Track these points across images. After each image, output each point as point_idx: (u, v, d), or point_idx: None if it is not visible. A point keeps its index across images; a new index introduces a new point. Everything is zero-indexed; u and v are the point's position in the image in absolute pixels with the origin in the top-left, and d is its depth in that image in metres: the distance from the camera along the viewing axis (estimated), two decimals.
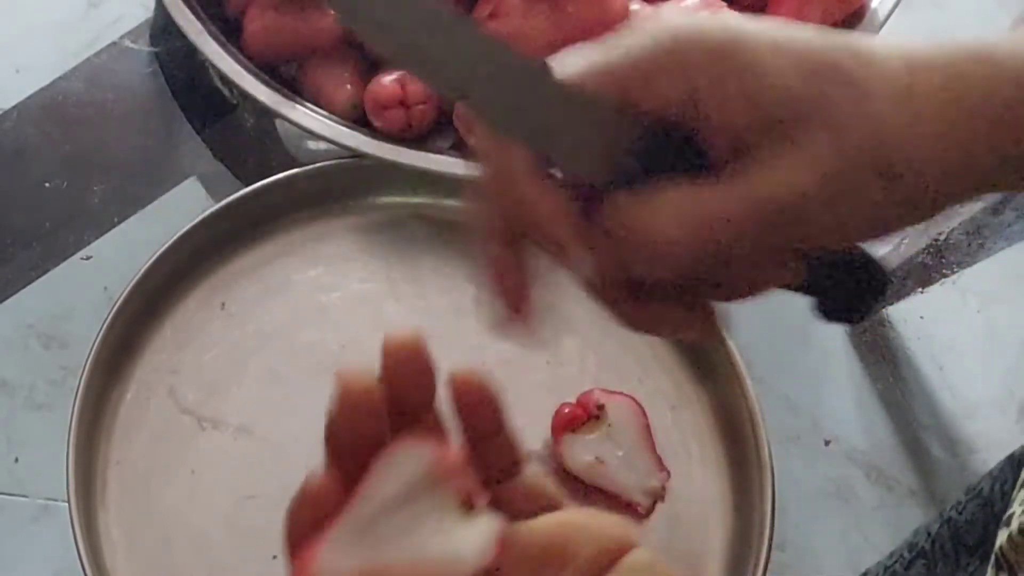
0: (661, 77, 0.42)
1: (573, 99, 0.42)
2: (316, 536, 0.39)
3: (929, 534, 0.79)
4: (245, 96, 0.87)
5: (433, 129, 0.87)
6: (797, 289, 0.47)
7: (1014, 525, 0.62)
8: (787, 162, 0.41)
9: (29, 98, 1.02)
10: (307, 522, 0.39)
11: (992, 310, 1.10)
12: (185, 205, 0.97)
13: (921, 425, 1.04)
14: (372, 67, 0.88)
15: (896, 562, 0.81)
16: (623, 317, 0.46)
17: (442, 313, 0.84)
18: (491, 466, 0.43)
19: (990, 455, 1.02)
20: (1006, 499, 0.72)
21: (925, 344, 1.07)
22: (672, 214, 0.41)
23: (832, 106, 0.40)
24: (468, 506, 0.40)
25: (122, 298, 0.81)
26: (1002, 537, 0.63)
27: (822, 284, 0.47)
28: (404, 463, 0.39)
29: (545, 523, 0.42)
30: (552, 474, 0.78)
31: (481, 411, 0.42)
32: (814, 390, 1.04)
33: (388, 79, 0.85)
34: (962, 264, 1.06)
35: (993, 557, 0.63)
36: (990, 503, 0.74)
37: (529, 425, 0.80)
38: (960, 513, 0.76)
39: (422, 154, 0.85)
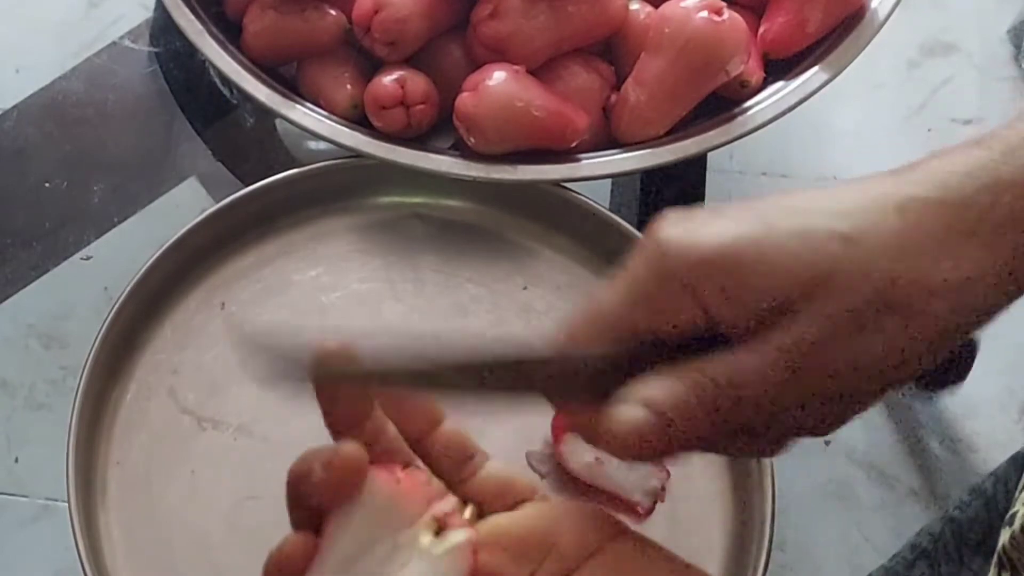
0: (668, 306, 0.42)
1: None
2: None
3: (931, 534, 0.79)
4: (245, 96, 0.87)
5: (433, 129, 0.87)
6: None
7: (1016, 524, 0.62)
8: (802, 321, 0.41)
9: (29, 98, 1.02)
10: None
11: None
12: (185, 205, 0.97)
13: (921, 424, 1.04)
14: (372, 67, 0.88)
15: (897, 563, 0.81)
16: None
17: (442, 313, 0.84)
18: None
19: (991, 454, 1.01)
20: (1009, 497, 0.72)
21: None
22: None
23: (832, 273, 0.40)
24: (442, 526, 0.40)
25: (122, 298, 0.81)
26: (1004, 536, 0.63)
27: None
28: (366, 500, 0.39)
29: (525, 513, 0.43)
30: (552, 474, 0.78)
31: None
32: None
33: (388, 79, 0.85)
34: None
35: (996, 556, 0.63)
36: (993, 501, 0.74)
37: (529, 425, 0.80)
38: (963, 512, 0.76)
39: (422, 154, 0.85)
